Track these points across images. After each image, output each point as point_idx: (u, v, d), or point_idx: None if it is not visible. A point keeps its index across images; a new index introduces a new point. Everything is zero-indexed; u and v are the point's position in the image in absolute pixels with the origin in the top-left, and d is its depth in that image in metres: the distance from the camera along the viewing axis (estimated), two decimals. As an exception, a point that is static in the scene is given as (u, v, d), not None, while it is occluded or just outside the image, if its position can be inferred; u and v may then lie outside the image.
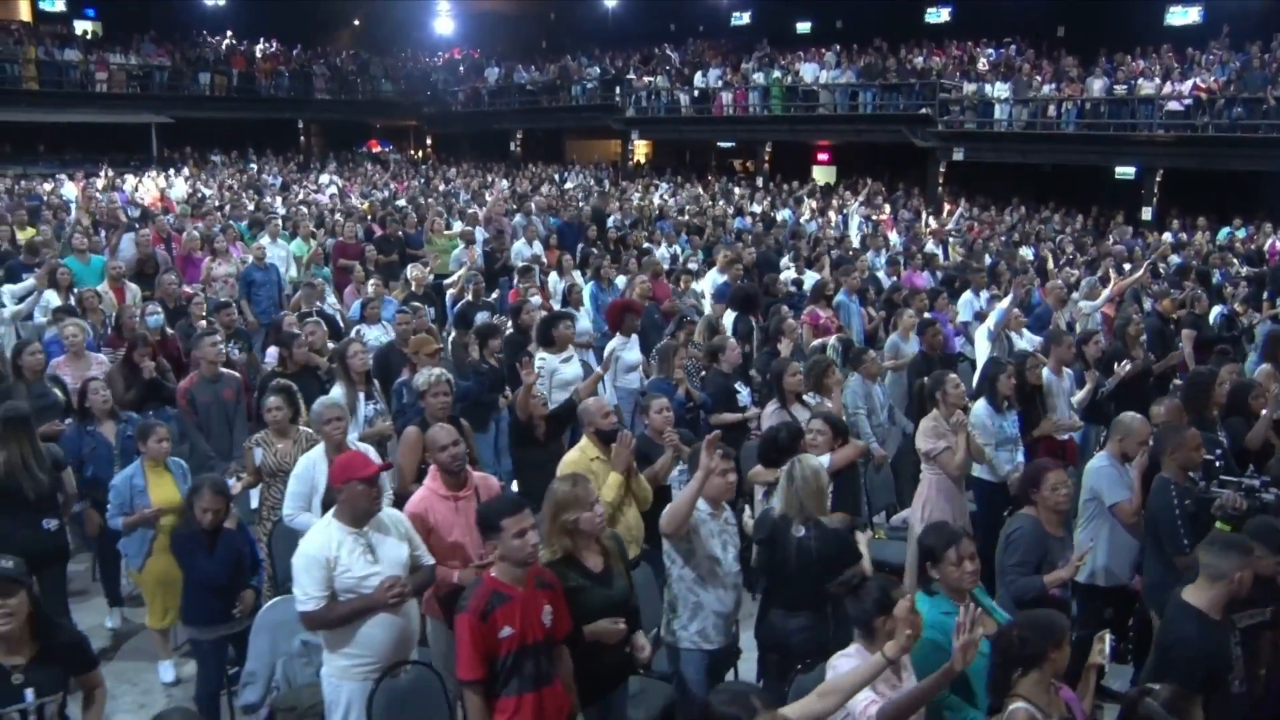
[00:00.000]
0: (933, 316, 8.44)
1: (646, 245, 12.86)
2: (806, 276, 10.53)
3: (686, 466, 5.05)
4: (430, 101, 32.09)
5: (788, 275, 10.51)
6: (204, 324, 8.65)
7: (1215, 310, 9.39)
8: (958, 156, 20.28)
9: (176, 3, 31.07)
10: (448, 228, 13.03)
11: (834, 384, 5.99)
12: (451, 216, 14.48)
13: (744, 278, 9.97)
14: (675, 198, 19.76)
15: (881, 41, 23.83)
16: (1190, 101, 17.31)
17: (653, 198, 19.39)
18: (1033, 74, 20.16)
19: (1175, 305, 9.52)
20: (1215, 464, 4.66)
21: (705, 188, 22.38)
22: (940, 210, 18.25)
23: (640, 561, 4.68)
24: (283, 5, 31.76)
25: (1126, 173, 20.29)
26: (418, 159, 31.06)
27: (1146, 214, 18.68)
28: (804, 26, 28.26)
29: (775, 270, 11.31)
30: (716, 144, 29.16)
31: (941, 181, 21.03)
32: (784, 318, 7.29)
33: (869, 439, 6.37)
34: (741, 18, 29.68)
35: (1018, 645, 3.17)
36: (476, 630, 3.25)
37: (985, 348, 7.95)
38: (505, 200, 16.23)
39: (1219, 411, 5.71)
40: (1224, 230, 16.05)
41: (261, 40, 32.11)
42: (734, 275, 9.80)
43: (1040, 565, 4.17)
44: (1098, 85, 18.81)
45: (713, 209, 17.53)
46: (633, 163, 27.21)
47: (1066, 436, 6.60)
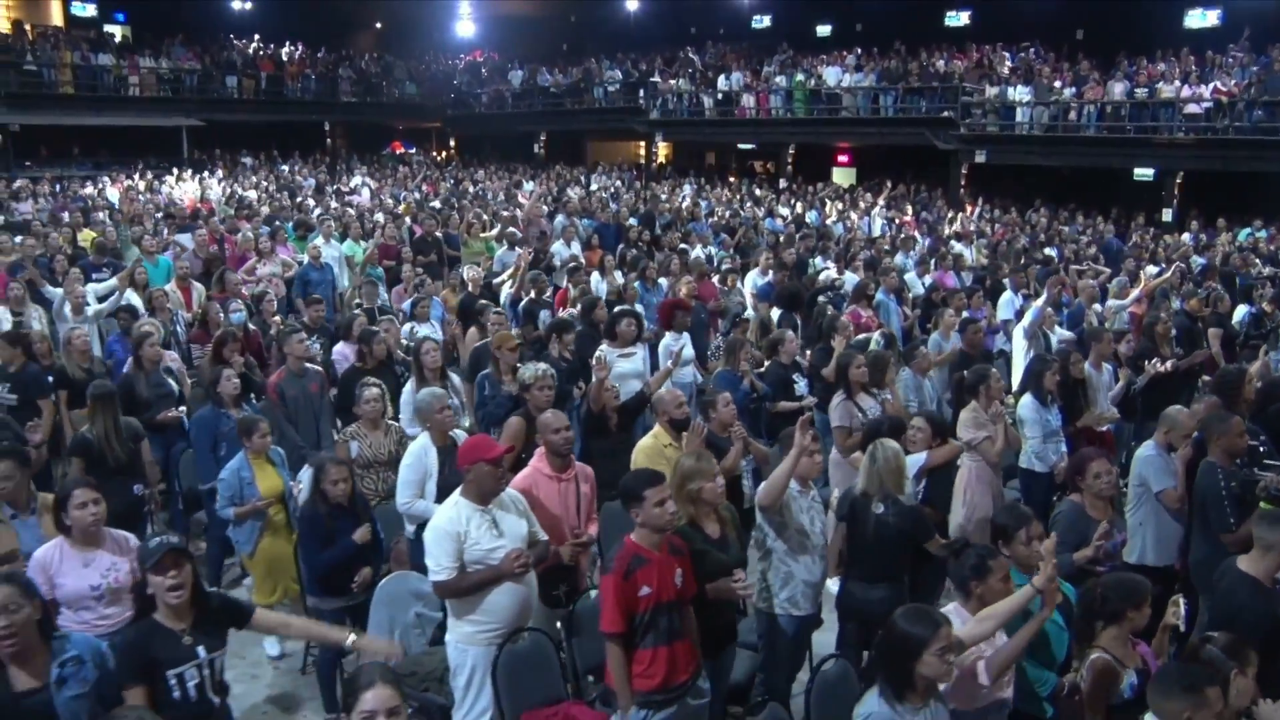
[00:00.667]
0: (970, 315, 8.84)
1: (683, 246, 13.23)
2: (845, 277, 10.89)
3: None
4: (454, 104, 32.49)
5: (827, 276, 10.87)
6: (277, 321, 9.18)
7: (1243, 310, 9.71)
8: (980, 159, 20.60)
9: (204, 7, 31.57)
10: (486, 229, 13.44)
11: (892, 378, 6.38)
12: (487, 217, 14.89)
13: (787, 278, 10.35)
14: (702, 199, 20.10)
15: (901, 45, 24.16)
16: (1210, 104, 17.62)
17: (681, 200, 19.74)
18: (1053, 77, 20.48)
19: (1202, 304, 9.87)
20: (1259, 449, 5.02)
21: (728, 189, 22.79)
22: (962, 211, 18.60)
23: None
24: (306, 9, 32.29)
25: (1145, 174, 20.46)
26: (440, 160, 31.48)
27: (1167, 215, 18.96)
28: (824, 30, 28.53)
29: (804, 271, 11.72)
30: (736, 146, 29.53)
31: (963, 184, 21.34)
32: (836, 316, 7.67)
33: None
34: (762, 21, 29.95)
35: (1100, 602, 3.58)
36: (620, 589, 3.65)
37: (1023, 345, 8.34)
38: (543, 202, 16.61)
39: (1250, 406, 6.06)
40: (1244, 231, 16.33)
41: (287, 43, 32.64)
42: (780, 277, 10.17)
43: (1078, 545, 4.47)
44: (1119, 89, 19.11)
45: (742, 211, 17.93)
46: (656, 164, 27.56)
47: (1105, 428, 6.97)
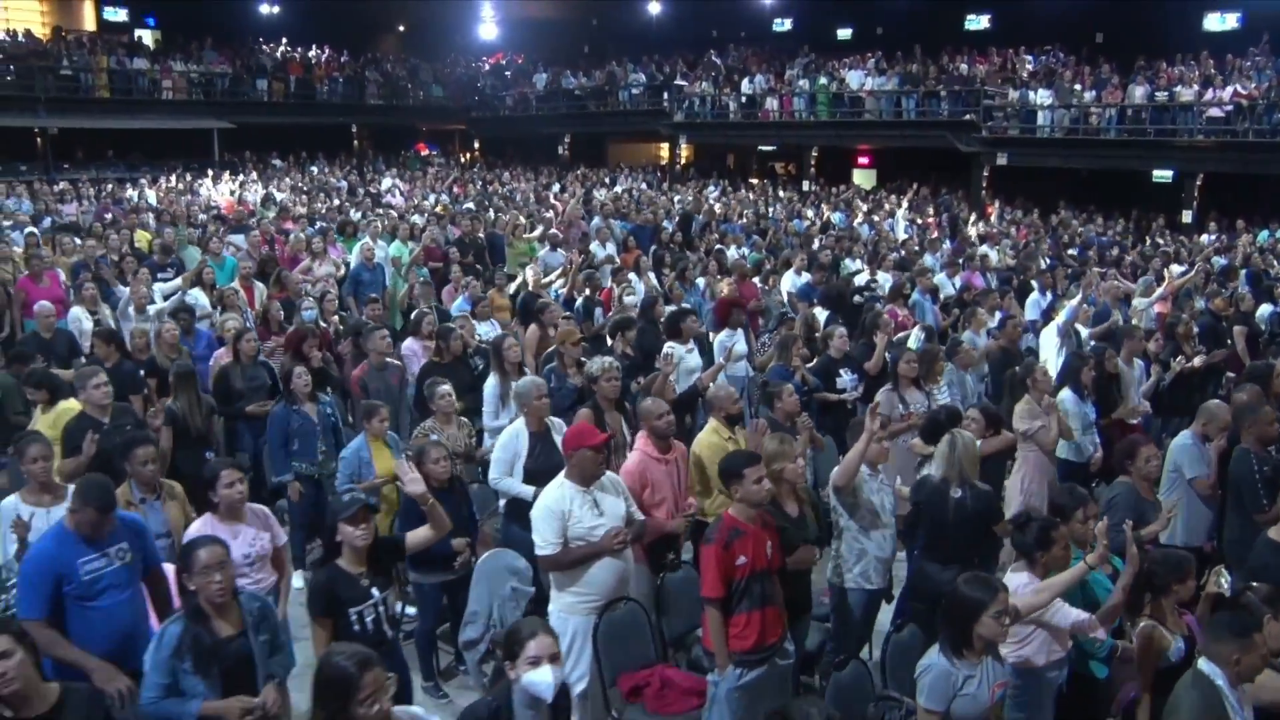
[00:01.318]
0: (1004, 314, 9.24)
1: (719, 247, 13.63)
2: (879, 277, 11.28)
3: None
4: (478, 106, 32.94)
5: (863, 277, 11.27)
6: (336, 320, 9.64)
7: (1266, 308, 10.08)
8: (1001, 161, 20.96)
9: (231, 11, 32.10)
10: (529, 231, 13.89)
11: (939, 372, 6.80)
12: (524, 220, 15.31)
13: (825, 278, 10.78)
14: (726, 201, 20.49)
15: (920, 48, 24.52)
16: (1230, 108, 17.95)
17: (709, 201, 20.14)
18: (1074, 81, 20.82)
19: (1226, 304, 10.25)
20: (1290, 436, 5.45)
21: (751, 190, 23.18)
22: (984, 214, 18.99)
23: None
24: (330, 12, 32.79)
25: (1164, 176, 20.77)
26: (465, 162, 31.96)
27: (1186, 217, 19.28)
28: (845, 33, 28.97)
29: (836, 272, 12.13)
30: (757, 147, 29.91)
31: (985, 186, 21.70)
32: (880, 314, 8.09)
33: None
34: (783, 24, 30.37)
35: (1148, 577, 3.99)
36: (720, 558, 4.08)
37: (1054, 343, 8.71)
38: (580, 205, 17.03)
39: (1278, 398, 6.46)
40: (1264, 233, 16.65)
41: (314, 47, 33.18)
42: (818, 277, 10.59)
43: (1138, 524, 4.90)
44: (1139, 92, 19.45)
45: (769, 212, 18.35)
46: (679, 166, 27.97)
47: (1136, 420, 7.37)
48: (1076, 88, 20.52)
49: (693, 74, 27.94)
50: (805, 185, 24.22)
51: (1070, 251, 15.04)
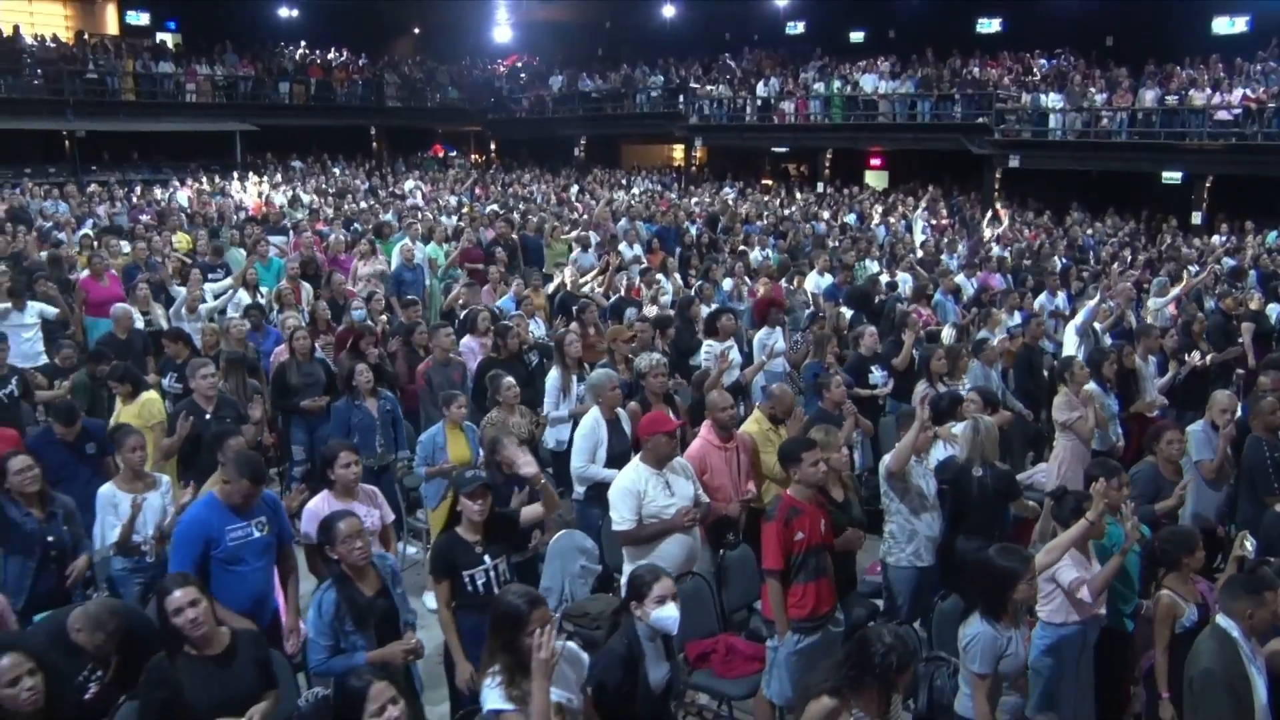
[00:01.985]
0: (1024, 314, 9.72)
1: (742, 248, 14.08)
2: (900, 279, 11.73)
3: None
4: (494, 108, 33.38)
5: (885, 279, 11.71)
6: (384, 319, 10.09)
7: (1275, 308, 10.52)
8: (1014, 163, 21.36)
9: (251, 15, 32.60)
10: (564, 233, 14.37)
11: (964, 368, 7.28)
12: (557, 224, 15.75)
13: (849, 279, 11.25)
14: (749, 202, 20.92)
15: (932, 51, 24.93)
16: (1239, 111, 18.36)
17: (729, 202, 20.58)
18: (1085, 84, 21.23)
19: (1236, 303, 10.69)
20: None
21: (766, 192, 23.64)
22: (997, 215, 19.40)
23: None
24: (347, 15, 33.27)
25: (1173, 178, 21.10)
26: (481, 163, 32.42)
27: (1196, 218, 19.69)
28: (857, 36, 29.28)
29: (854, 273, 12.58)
30: (770, 149, 30.32)
31: (997, 187, 22.11)
32: (907, 313, 8.55)
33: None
34: (796, 27, 30.71)
35: (1160, 553, 4.45)
36: (780, 534, 4.55)
37: (1074, 340, 9.17)
38: (607, 208, 17.48)
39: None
40: (1273, 234, 17.05)
41: (333, 49, 33.69)
42: (843, 277, 11.05)
43: (1155, 499, 5.46)
44: (1149, 96, 19.86)
45: (786, 213, 18.79)
46: (695, 168, 28.40)
47: (1155, 414, 7.82)
48: (1090, 90, 20.91)
49: (707, 77, 28.38)
50: (819, 187, 24.65)
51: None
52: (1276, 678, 3.91)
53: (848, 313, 9.86)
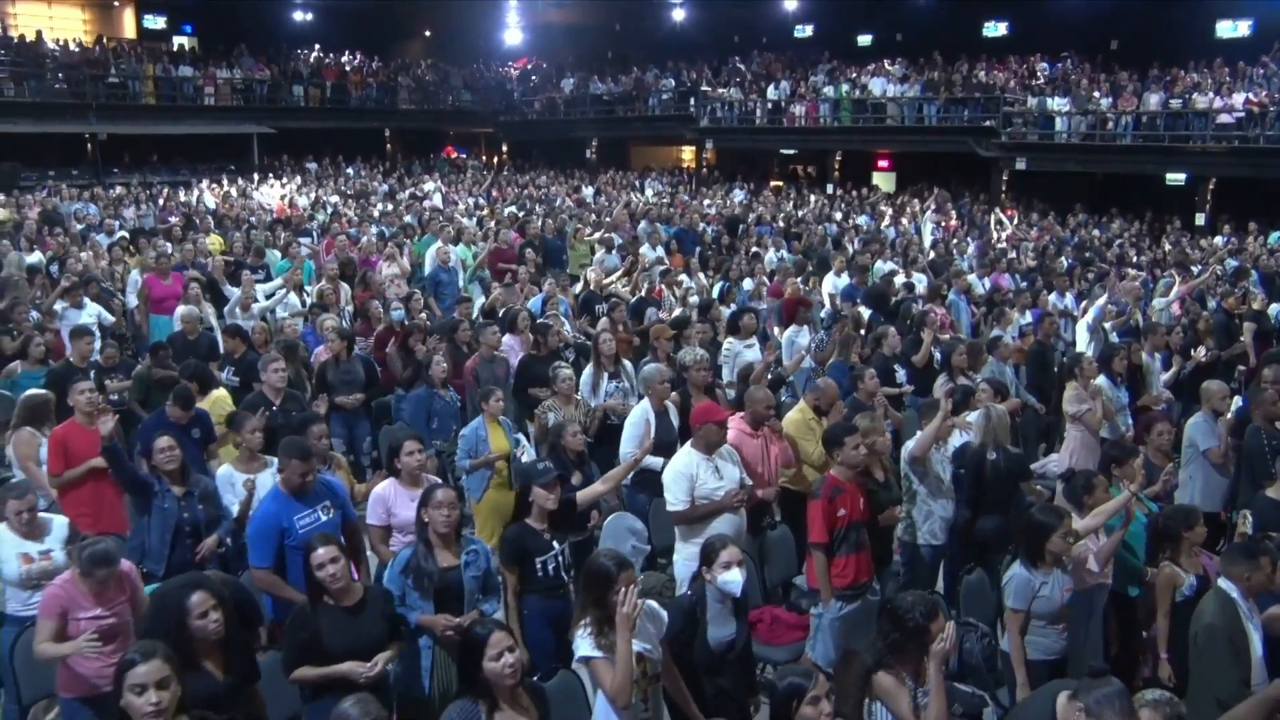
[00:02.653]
0: (1035, 313, 10.18)
1: (756, 250, 14.53)
2: (915, 279, 12.18)
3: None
4: (506, 110, 33.83)
5: (901, 280, 12.16)
6: (423, 317, 10.55)
7: (1276, 307, 10.97)
8: (1020, 166, 21.82)
9: (265, 19, 33.04)
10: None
11: (984, 363, 7.75)
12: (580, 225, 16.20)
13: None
14: (762, 204, 21.36)
15: (940, 54, 25.36)
16: (1242, 114, 18.80)
17: (739, 204, 21.04)
18: (1090, 88, 21.69)
19: (1238, 302, 11.15)
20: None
21: (776, 193, 24.10)
22: (1002, 219, 19.87)
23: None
24: (359, 19, 33.79)
25: (1177, 179, 21.42)
26: (493, 165, 32.88)
27: (1200, 219, 20.13)
28: (865, 39, 29.70)
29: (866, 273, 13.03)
30: (779, 151, 30.75)
31: (1004, 190, 22.56)
32: (926, 312, 9.01)
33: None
34: (804, 30, 31.09)
35: (1162, 530, 4.92)
36: (825, 510, 5.04)
37: (1085, 338, 9.65)
38: (625, 210, 17.93)
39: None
40: (1275, 234, 17.49)
41: (346, 52, 34.17)
42: (860, 278, 11.52)
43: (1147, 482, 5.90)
44: (1154, 99, 20.31)
45: (798, 215, 19.26)
46: (705, 169, 28.86)
47: (1160, 407, 8.28)
48: (1095, 95, 21.35)
49: (717, 80, 28.83)
50: (829, 188, 25.09)
51: (1088, 254, 15.88)
52: (1272, 640, 4.38)
53: (865, 312, 10.32)
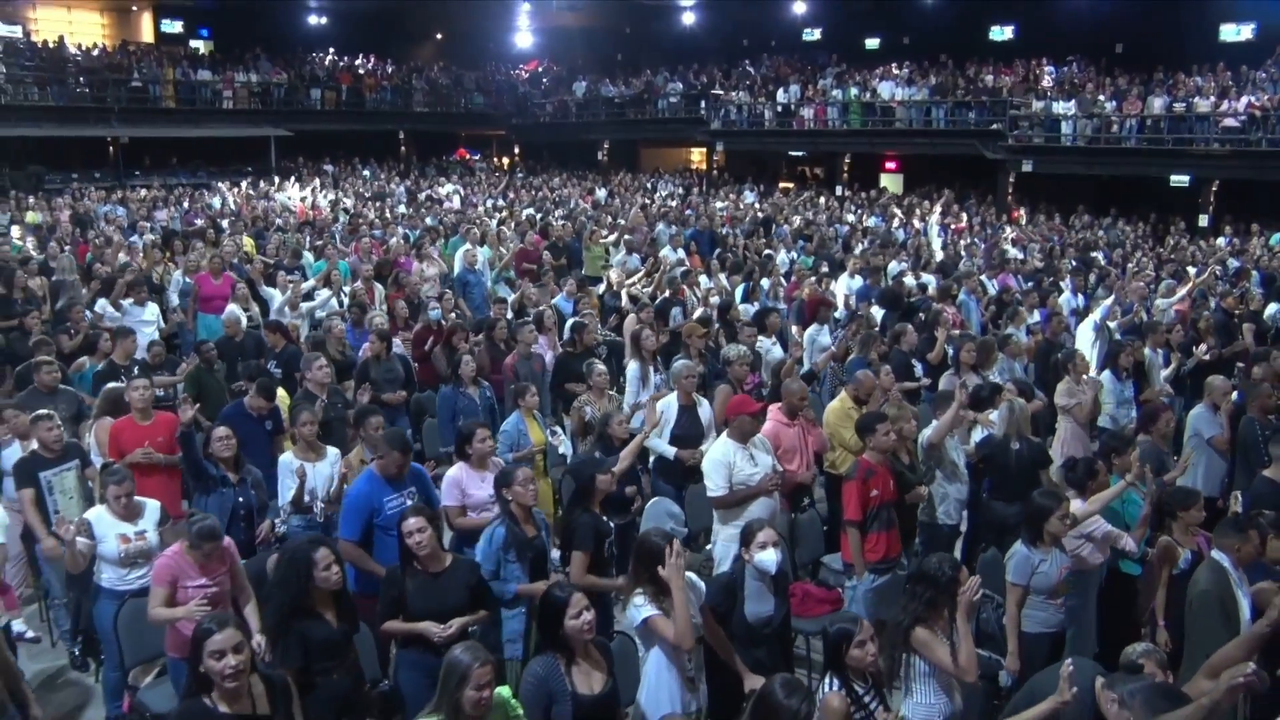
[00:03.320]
0: (1043, 312, 10.64)
1: (768, 252, 14.95)
2: (926, 279, 12.62)
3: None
4: (518, 113, 34.29)
5: (912, 281, 12.60)
6: (453, 316, 11.00)
7: (1274, 306, 11.40)
8: (1027, 168, 22.24)
9: (280, 23, 33.58)
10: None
11: (995, 360, 8.21)
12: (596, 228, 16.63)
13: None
14: (774, 206, 21.78)
15: (947, 58, 25.77)
16: (1245, 118, 19.22)
17: (751, 207, 21.47)
18: (1096, 91, 22.11)
19: (1236, 302, 11.58)
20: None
21: (785, 195, 24.54)
22: (1012, 218, 20.34)
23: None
24: (372, 22, 34.37)
25: (1181, 181, 21.77)
26: (504, 167, 33.35)
27: (1203, 221, 20.55)
28: (872, 42, 30.11)
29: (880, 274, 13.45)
30: (788, 153, 31.17)
31: (1010, 191, 22.98)
32: (939, 311, 9.47)
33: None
34: (813, 34, 31.50)
35: (1163, 508, 5.38)
36: (860, 490, 5.52)
37: (1089, 337, 10.08)
38: (641, 212, 18.38)
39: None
40: (1276, 236, 17.90)
41: (360, 55, 34.68)
42: (874, 279, 11.97)
43: (1158, 469, 6.30)
44: (1158, 103, 20.73)
45: (809, 216, 19.70)
46: (716, 171, 29.30)
47: (1163, 400, 8.73)
48: (1100, 98, 21.77)
49: (728, 83, 29.28)
50: (837, 190, 25.53)
51: (1094, 254, 16.30)
52: (1260, 609, 4.83)
53: (879, 312, 10.77)
